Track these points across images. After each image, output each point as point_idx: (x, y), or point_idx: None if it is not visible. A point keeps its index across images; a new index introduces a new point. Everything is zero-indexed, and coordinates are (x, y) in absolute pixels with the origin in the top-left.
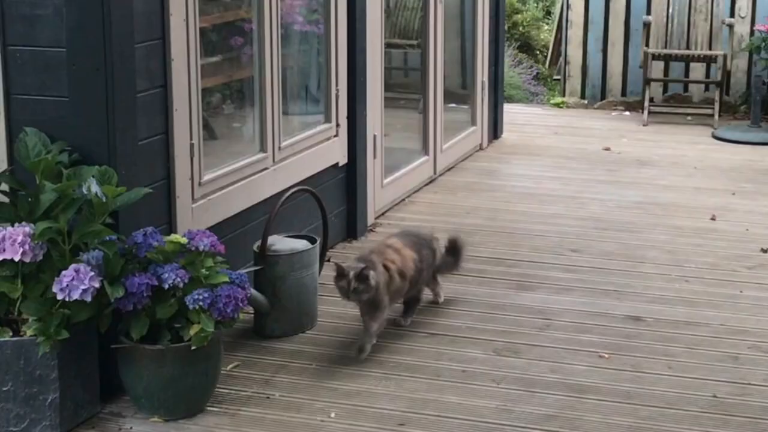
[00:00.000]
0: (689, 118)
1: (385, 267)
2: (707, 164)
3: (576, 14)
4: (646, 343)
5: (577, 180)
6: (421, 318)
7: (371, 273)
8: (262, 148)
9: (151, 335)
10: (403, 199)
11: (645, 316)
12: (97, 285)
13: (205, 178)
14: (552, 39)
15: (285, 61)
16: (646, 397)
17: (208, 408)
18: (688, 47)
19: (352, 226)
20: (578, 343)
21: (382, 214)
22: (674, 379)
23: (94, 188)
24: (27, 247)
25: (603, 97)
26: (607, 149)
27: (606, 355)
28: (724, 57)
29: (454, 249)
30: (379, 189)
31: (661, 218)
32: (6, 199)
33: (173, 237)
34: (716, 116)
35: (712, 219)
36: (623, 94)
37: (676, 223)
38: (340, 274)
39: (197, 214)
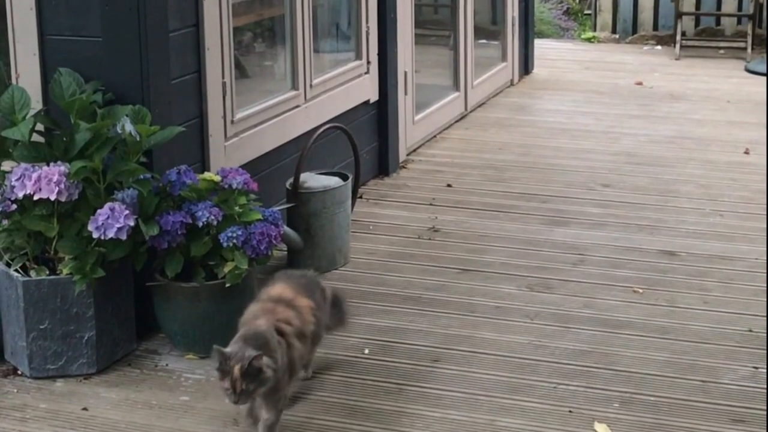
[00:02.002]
0: (722, 51)
1: (280, 332)
2: (740, 98)
3: None
4: (681, 278)
5: (609, 115)
6: (454, 254)
7: (264, 361)
8: (294, 86)
9: (185, 273)
10: (435, 136)
11: (679, 251)
12: (131, 223)
13: (238, 116)
14: None
15: None
16: (681, 331)
17: None
18: None
19: (384, 163)
20: (612, 279)
21: (414, 150)
22: (709, 314)
23: (128, 127)
24: (62, 186)
25: (634, 31)
26: (639, 84)
27: (640, 290)
28: None
29: (335, 302)
30: (411, 125)
31: (695, 152)
32: (41, 139)
33: (207, 175)
34: (749, 49)
35: (746, 153)
36: (655, 28)
37: (709, 157)
38: (223, 369)
39: (230, 152)
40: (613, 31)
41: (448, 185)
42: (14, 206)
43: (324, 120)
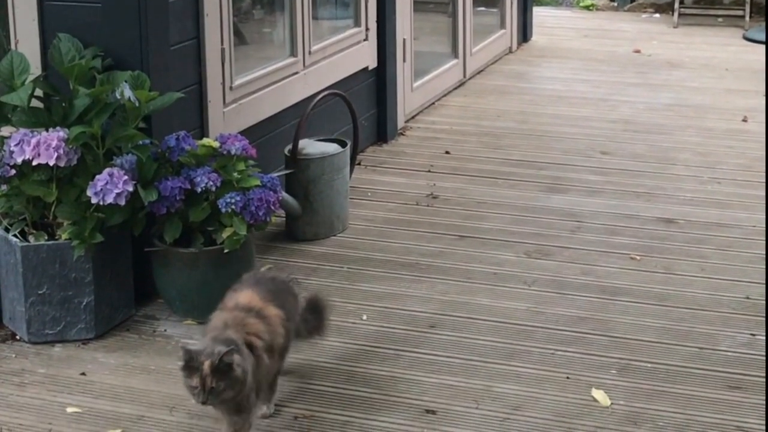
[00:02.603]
0: (720, 19)
1: (249, 345)
2: (738, 66)
3: None
4: (678, 245)
5: (607, 83)
6: (451, 221)
7: (235, 358)
8: (293, 53)
9: (184, 238)
10: (433, 103)
11: (677, 218)
12: (130, 189)
13: (237, 82)
14: None
15: None
16: (678, 298)
17: None
18: None
19: (383, 130)
20: (609, 246)
21: (412, 117)
22: (706, 281)
23: (127, 93)
24: (61, 151)
25: None
26: (638, 52)
27: (637, 257)
28: None
29: (314, 308)
30: (409, 92)
31: (692, 120)
32: (40, 105)
33: (205, 141)
34: (747, 17)
35: (744, 120)
36: None
37: (707, 124)
38: (189, 365)
39: (229, 118)
40: None
41: (446, 152)
42: (13, 171)
43: (322, 87)
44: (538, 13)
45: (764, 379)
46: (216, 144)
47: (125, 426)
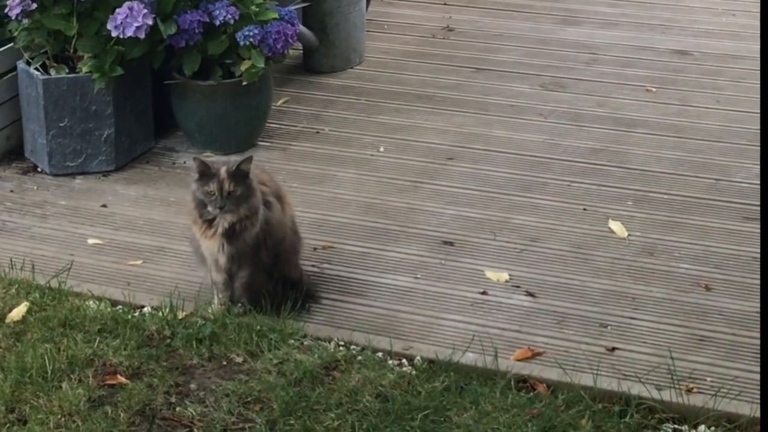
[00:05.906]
0: None
1: None
2: None
3: None
4: (693, 77)
5: None
6: (467, 53)
7: (252, 168)
8: None
9: (203, 71)
10: None
11: (692, 50)
12: (150, 22)
13: None
14: None
15: None
16: (693, 130)
17: (259, 142)
18: None
19: None
20: (625, 78)
21: None
22: (721, 113)
23: None
24: None
25: None
26: None
27: (653, 89)
28: None
29: None
30: None
31: None
32: None
33: None
34: None
35: None
36: None
37: None
38: (205, 173)
39: None
40: None
41: None
42: (34, 5)
43: None
44: None
45: None
46: None
47: (146, 257)
